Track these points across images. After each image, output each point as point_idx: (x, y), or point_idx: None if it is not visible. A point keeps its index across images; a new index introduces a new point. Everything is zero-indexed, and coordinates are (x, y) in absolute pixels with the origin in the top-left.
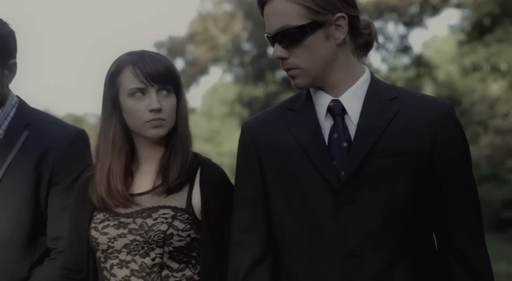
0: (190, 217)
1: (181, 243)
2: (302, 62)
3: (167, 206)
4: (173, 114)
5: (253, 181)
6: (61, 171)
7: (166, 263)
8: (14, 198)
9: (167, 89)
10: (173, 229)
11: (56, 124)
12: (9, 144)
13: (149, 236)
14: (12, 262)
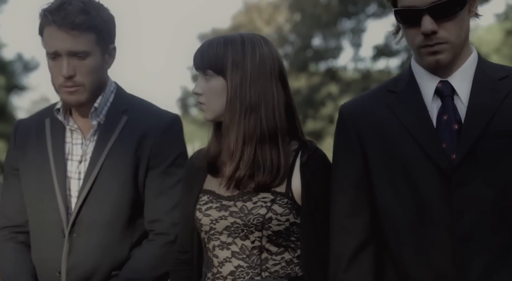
0: (290, 202)
1: (280, 227)
2: (451, 36)
3: (267, 191)
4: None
5: (355, 166)
6: (158, 155)
7: (265, 246)
8: (115, 181)
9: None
10: (272, 213)
11: (152, 109)
12: (110, 129)
13: (248, 219)
14: (114, 243)
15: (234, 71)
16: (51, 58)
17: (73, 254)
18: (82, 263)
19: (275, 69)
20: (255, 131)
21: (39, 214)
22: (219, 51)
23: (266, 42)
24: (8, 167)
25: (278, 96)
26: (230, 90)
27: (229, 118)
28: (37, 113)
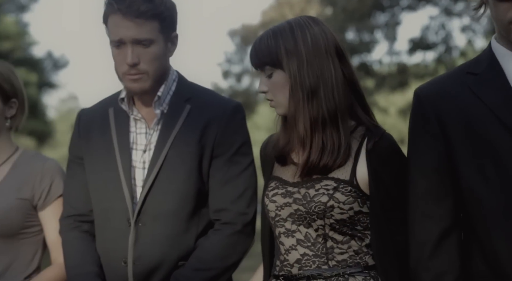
0: (354, 190)
1: (343, 216)
2: None
3: (330, 178)
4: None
5: (435, 150)
6: (222, 143)
7: (328, 235)
8: (180, 170)
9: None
10: (333, 201)
11: (215, 97)
12: (174, 118)
13: (310, 206)
14: (180, 233)
15: (289, 59)
16: (115, 46)
17: (139, 244)
18: (149, 252)
19: (329, 47)
20: (318, 114)
21: (105, 203)
22: (271, 44)
23: (315, 22)
24: (72, 156)
25: (336, 74)
26: (290, 79)
27: (293, 107)
28: (99, 102)
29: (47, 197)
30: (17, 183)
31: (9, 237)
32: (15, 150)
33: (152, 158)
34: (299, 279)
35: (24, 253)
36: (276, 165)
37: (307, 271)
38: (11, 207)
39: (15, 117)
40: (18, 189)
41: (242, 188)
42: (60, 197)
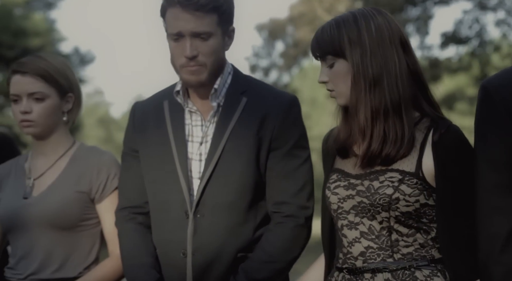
0: (420, 182)
1: (409, 208)
2: None
3: (395, 170)
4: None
5: (505, 143)
6: (280, 136)
7: (393, 227)
8: (238, 162)
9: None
10: (399, 193)
11: (271, 90)
12: (230, 110)
13: (375, 199)
14: (238, 224)
15: (352, 49)
16: (173, 39)
17: (198, 235)
18: (207, 244)
19: (394, 37)
20: (380, 104)
21: (162, 195)
22: (333, 33)
23: (379, 12)
24: (127, 149)
25: (400, 64)
26: (353, 68)
27: (355, 97)
28: (154, 95)
29: (104, 190)
30: (75, 177)
31: (68, 229)
32: (72, 144)
33: (209, 150)
34: (363, 272)
35: (82, 245)
36: (338, 158)
37: (372, 264)
38: (70, 200)
39: (71, 111)
40: (76, 182)
41: (302, 181)
42: (117, 190)
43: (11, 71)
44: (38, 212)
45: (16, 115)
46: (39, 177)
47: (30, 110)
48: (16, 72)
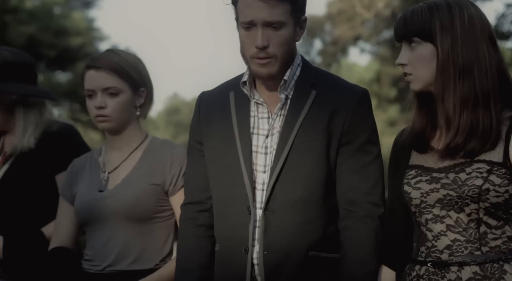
0: (508, 172)
1: (498, 199)
2: None
3: (481, 161)
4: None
5: None
6: (351, 131)
7: (482, 219)
8: (308, 157)
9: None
10: (489, 184)
11: (341, 83)
12: (299, 103)
13: (463, 191)
14: (309, 221)
15: (443, 35)
16: (244, 28)
17: (269, 232)
18: (279, 241)
19: (484, 30)
20: (470, 94)
21: (224, 190)
22: (425, 16)
23: (472, 4)
24: (192, 141)
25: (490, 58)
26: (441, 54)
27: (441, 84)
28: (219, 86)
29: (177, 182)
30: (149, 169)
31: (143, 221)
32: (145, 137)
33: (278, 144)
34: (450, 265)
35: (157, 237)
36: (415, 154)
37: (458, 257)
38: (144, 192)
39: (144, 105)
40: (150, 175)
41: (374, 178)
42: None
43: (85, 67)
44: (114, 204)
45: (91, 110)
46: (113, 171)
47: (105, 105)
48: (90, 67)
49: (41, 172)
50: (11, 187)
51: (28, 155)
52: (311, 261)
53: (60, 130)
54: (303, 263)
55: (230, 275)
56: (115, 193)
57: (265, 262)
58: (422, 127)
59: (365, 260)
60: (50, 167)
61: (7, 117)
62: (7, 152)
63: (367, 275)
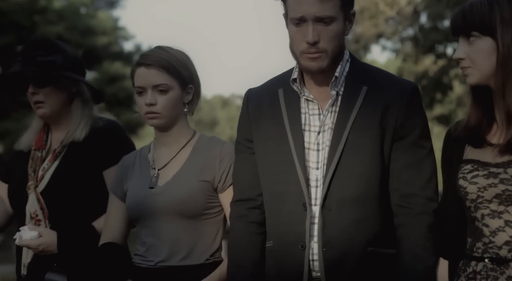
0: None
1: None
2: None
3: None
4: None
5: None
6: (404, 126)
7: None
8: (363, 153)
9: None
10: None
11: (391, 78)
12: (350, 99)
13: None
14: (366, 217)
15: (504, 28)
16: (294, 24)
17: (327, 229)
18: (337, 238)
19: None
20: None
21: (278, 187)
22: (485, 10)
23: None
24: (240, 138)
25: None
26: (502, 49)
27: (502, 79)
28: (267, 82)
29: (226, 179)
30: (198, 166)
31: (194, 217)
32: (193, 134)
33: (331, 140)
34: (509, 261)
35: (207, 233)
36: (469, 148)
37: None
38: (195, 189)
39: (191, 102)
40: (200, 172)
41: (429, 173)
42: None
43: (135, 64)
44: (165, 201)
45: (141, 107)
46: (163, 168)
47: (155, 102)
48: (140, 64)
49: (90, 168)
50: (63, 183)
51: (76, 151)
52: (370, 256)
53: (106, 126)
54: (362, 259)
55: (286, 271)
56: (166, 190)
57: (325, 259)
58: (478, 121)
59: (423, 256)
60: (98, 163)
61: (63, 109)
62: (57, 149)
63: (426, 271)
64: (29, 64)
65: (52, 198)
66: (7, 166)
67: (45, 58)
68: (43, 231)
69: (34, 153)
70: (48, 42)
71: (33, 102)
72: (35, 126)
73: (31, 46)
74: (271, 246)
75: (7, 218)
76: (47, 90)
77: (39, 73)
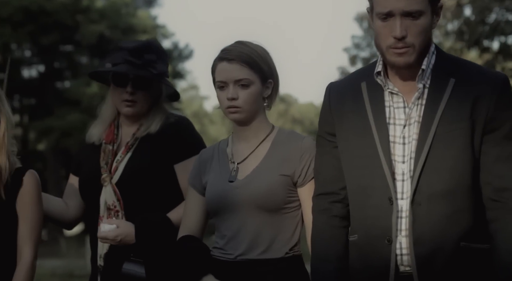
0: None
1: None
2: None
3: None
4: None
5: None
6: (495, 118)
7: None
8: (453, 147)
9: None
10: None
11: (480, 70)
12: (438, 92)
13: None
14: (457, 212)
15: None
16: (381, 19)
17: (417, 224)
18: (428, 233)
19: None
20: None
21: (363, 181)
22: None
23: None
24: (322, 132)
25: None
26: None
27: None
28: (348, 76)
29: (307, 174)
30: (278, 160)
31: (274, 211)
32: (272, 128)
33: (419, 134)
34: None
35: (286, 227)
36: None
37: None
38: (275, 183)
39: (270, 97)
40: (280, 166)
41: None
42: None
43: (217, 59)
44: (246, 195)
45: (222, 101)
46: (242, 161)
47: (237, 97)
48: (222, 59)
49: (161, 161)
50: (135, 174)
51: (148, 144)
52: (463, 252)
53: (178, 121)
54: (455, 254)
55: (372, 265)
56: (246, 184)
57: (416, 254)
58: None
59: None
60: (169, 156)
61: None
62: (129, 142)
63: None
64: (137, 66)
65: (126, 189)
66: (77, 159)
67: (154, 64)
68: (120, 223)
69: (105, 146)
70: (155, 46)
71: (124, 100)
72: (105, 119)
73: (143, 48)
74: (355, 240)
75: (82, 210)
76: (143, 92)
77: (146, 78)
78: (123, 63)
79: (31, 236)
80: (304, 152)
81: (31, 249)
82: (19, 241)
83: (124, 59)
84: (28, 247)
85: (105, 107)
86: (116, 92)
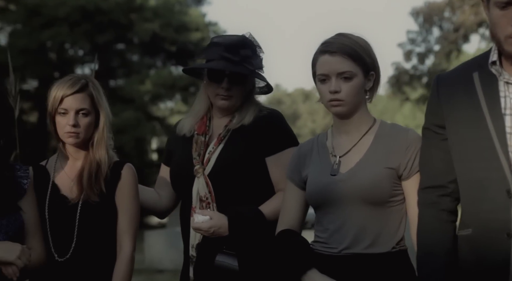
0: None
1: None
2: None
3: None
4: None
5: None
6: None
7: None
8: None
9: None
10: None
11: None
12: None
13: None
14: None
15: None
16: (499, 8)
17: None
18: None
19: None
20: None
21: (478, 173)
22: None
23: None
24: (429, 124)
25: None
26: None
27: None
28: (458, 67)
29: (412, 167)
30: (383, 153)
31: (379, 205)
32: (374, 121)
33: None
34: None
35: (391, 221)
36: None
37: None
38: (380, 176)
39: (372, 89)
40: (385, 159)
41: None
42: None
43: (318, 52)
44: (350, 188)
45: (324, 94)
46: (344, 155)
47: (339, 90)
48: (324, 52)
49: (252, 153)
50: (227, 166)
51: (240, 136)
52: None
53: (270, 114)
54: None
55: (489, 259)
56: (351, 177)
57: None
58: None
59: None
60: (260, 149)
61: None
62: (222, 133)
63: None
64: (234, 62)
65: (217, 181)
66: (168, 150)
67: (250, 60)
68: (213, 214)
69: (197, 137)
70: (249, 40)
71: (219, 94)
72: (197, 112)
73: (239, 43)
74: (469, 234)
75: (174, 200)
76: (239, 87)
77: (244, 74)
78: (219, 59)
79: (130, 228)
80: (410, 145)
81: (130, 241)
82: (119, 233)
83: (220, 55)
84: (127, 239)
85: (197, 100)
86: (211, 87)
